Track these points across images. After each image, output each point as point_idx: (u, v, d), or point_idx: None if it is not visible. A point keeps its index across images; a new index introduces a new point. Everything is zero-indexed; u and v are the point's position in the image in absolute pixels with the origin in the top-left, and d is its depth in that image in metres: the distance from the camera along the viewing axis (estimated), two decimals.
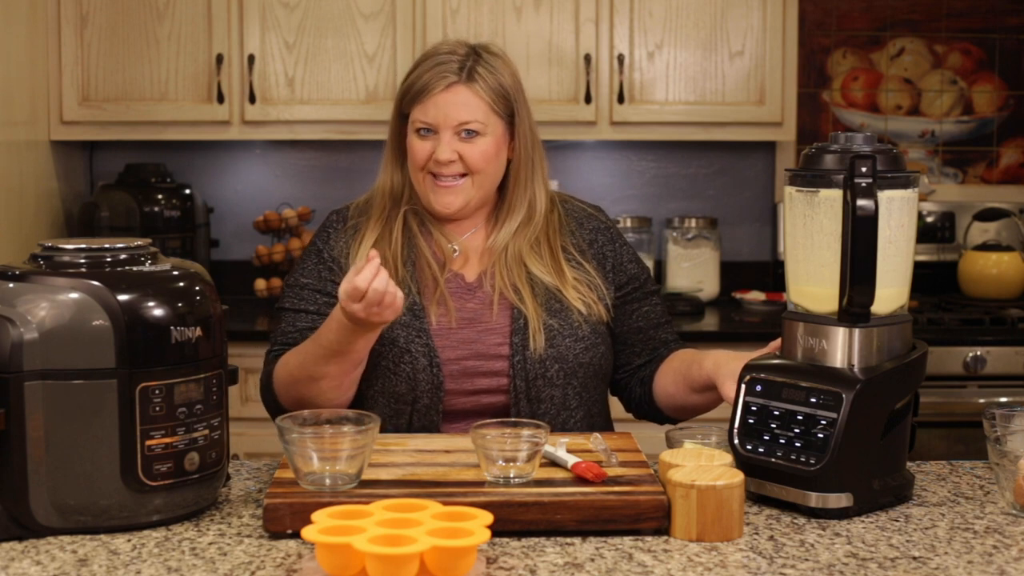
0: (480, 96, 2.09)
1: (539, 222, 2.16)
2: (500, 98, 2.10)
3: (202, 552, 1.56)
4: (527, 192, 2.15)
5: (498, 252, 2.13)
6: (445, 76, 2.08)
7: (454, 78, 2.08)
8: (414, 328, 2.07)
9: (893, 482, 1.76)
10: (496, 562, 1.53)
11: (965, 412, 3.50)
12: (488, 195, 2.15)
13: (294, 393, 2.04)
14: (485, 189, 2.13)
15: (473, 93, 2.08)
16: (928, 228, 4.14)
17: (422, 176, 2.11)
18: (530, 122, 2.16)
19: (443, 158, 2.07)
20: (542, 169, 2.18)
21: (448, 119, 2.08)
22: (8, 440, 1.57)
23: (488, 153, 2.09)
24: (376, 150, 4.08)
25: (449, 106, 2.07)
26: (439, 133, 2.08)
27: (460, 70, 2.08)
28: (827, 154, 1.75)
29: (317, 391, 2.00)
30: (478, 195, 2.12)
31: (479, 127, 2.08)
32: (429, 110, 2.08)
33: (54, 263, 1.65)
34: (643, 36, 3.81)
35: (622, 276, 2.19)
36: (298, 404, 2.02)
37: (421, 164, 2.10)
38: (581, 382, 2.10)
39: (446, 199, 2.10)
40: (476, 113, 2.08)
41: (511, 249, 2.13)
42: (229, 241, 4.16)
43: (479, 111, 2.08)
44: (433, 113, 2.08)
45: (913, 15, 4.21)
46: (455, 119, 2.07)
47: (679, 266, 4.10)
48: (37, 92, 3.67)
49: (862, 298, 1.71)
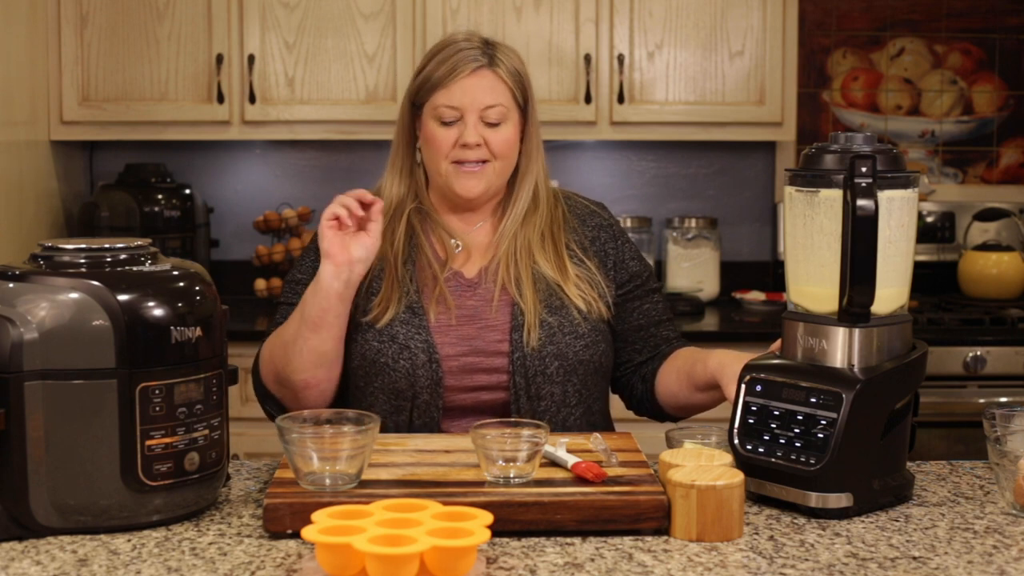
0: (504, 81, 2.12)
1: (544, 211, 2.17)
2: (518, 84, 2.14)
3: (202, 552, 1.56)
4: (532, 178, 2.18)
5: (506, 241, 2.15)
6: (472, 60, 2.11)
7: (482, 60, 2.11)
8: (413, 325, 2.08)
9: (893, 482, 1.76)
10: (496, 562, 1.53)
11: (965, 412, 3.50)
12: (504, 183, 2.18)
13: (271, 367, 2.08)
14: (504, 177, 2.16)
15: (497, 78, 2.12)
16: (928, 228, 4.14)
17: (446, 164, 2.12)
18: (536, 119, 2.19)
19: (471, 140, 2.09)
20: (543, 157, 2.21)
21: (475, 102, 2.10)
22: (8, 440, 1.57)
23: (511, 140, 2.13)
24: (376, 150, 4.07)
25: (476, 89, 2.10)
26: (464, 118, 2.10)
27: (483, 55, 2.12)
28: (827, 154, 1.76)
29: (288, 362, 2.04)
30: (498, 182, 2.15)
31: (502, 112, 2.11)
32: (455, 94, 2.10)
33: (54, 263, 1.65)
34: (643, 36, 3.81)
35: (624, 274, 2.20)
36: (275, 381, 2.08)
37: (445, 152, 2.12)
38: (581, 379, 2.10)
39: (469, 183, 2.12)
40: (501, 97, 2.11)
41: (520, 239, 2.14)
42: (229, 241, 4.16)
43: (503, 96, 2.12)
44: (459, 96, 2.10)
45: (913, 15, 4.21)
46: (482, 102, 2.10)
47: (679, 266, 4.10)
48: (37, 92, 3.67)
49: (862, 298, 1.71)
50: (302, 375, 2.05)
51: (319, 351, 2.03)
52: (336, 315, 2.02)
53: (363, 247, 2.00)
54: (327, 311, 2.01)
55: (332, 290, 2.00)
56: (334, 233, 1.99)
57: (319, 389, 2.07)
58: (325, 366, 2.05)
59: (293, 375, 2.05)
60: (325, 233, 1.99)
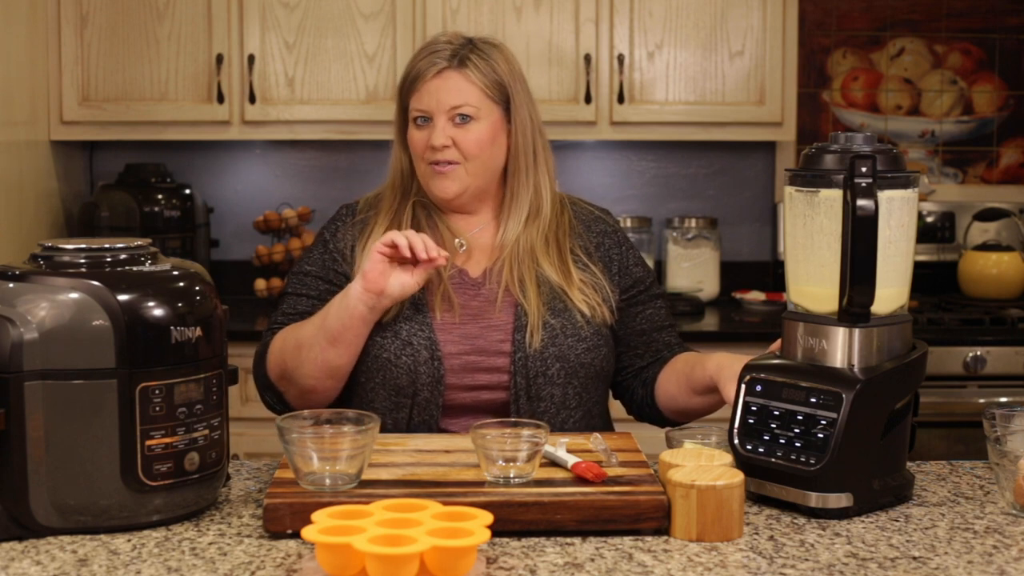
0: (471, 81, 2.12)
1: (547, 215, 2.17)
2: (494, 84, 2.13)
3: (202, 552, 1.56)
4: (530, 181, 2.17)
5: (509, 246, 2.14)
6: (435, 63, 2.12)
7: (444, 64, 2.12)
8: (417, 321, 2.08)
9: (893, 482, 1.76)
10: (496, 562, 1.53)
11: (965, 412, 3.50)
12: (488, 184, 2.16)
13: (279, 362, 2.08)
14: (482, 177, 2.14)
15: (464, 78, 2.12)
16: (928, 228, 4.14)
17: (423, 166, 2.13)
18: (531, 111, 2.17)
19: (437, 143, 2.10)
20: (546, 161, 2.20)
21: (440, 104, 2.10)
22: (8, 440, 1.57)
23: (482, 139, 2.11)
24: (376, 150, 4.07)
25: (440, 91, 2.11)
26: (434, 120, 2.11)
27: (452, 57, 2.12)
28: (827, 154, 1.75)
29: (299, 365, 2.04)
30: (475, 182, 2.14)
31: (472, 111, 2.11)
32: (423, 97, 2.12)
33: (54, 263, 1.65)
34: (643, 36, 3.81)
35: (627, 279, 2.20)
36: (281, 376, 2.08)
37: (420, 154, 2.13)
38: (582, 382, 2.10)
39: (443, 184, 2.12)
40: (468, 97, 2.11)
41: (523, 242, 2.14)
42: (229, 241, 4.16)
43: (471, 95, 2.11)
44: (426, 100, 2.12)
45: (913, 15, 4.21)
46: (447, 103, 2.10)
47: (679, 266, 4.10)
48: (37, 92, 3.67)
49: (862, 298, 1.71)
50: (310, 381, 2.05)
51: (332, 364, 2.04)
52: (356, 334, 2.02)
53: (400, 285, 1.99)
54: (347, 329, 2.01)
55: (356, 311, 2.00)
56: (381, 258, 1.97)
57: (324, 395, 2.08)
58: (335, 378, 2.06)
59: (301, 379, 2.05)
60: (374, 255, 1.97)
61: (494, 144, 2.14)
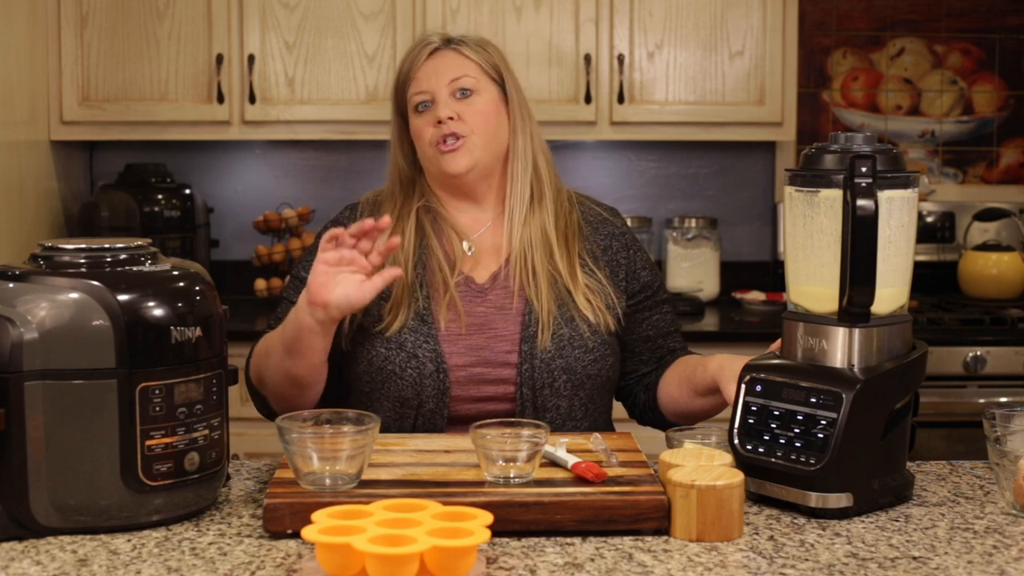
0: (467, 57, 2.15)
1: (550, 204, 2.16)
2: (489, 63, 2.16)
3: (202, 552, 1.56)
4: (528, 161, 2.16)
5: (516, 241, 2.12)
6: (428, 46, 2.15)
7: (437, 44, 2.16)
8: (422, 333, 2.06)
9: (893, 482, 1.76)
10: (496, 562, 1.52)
11: (965, 412, 3.50)
12: (494, 162, 2.15)
13: (255, 368, 2.08)
14: (490, 151, 2.13)
15: (459, 55, 2.15)
16: (928, 228, 4.15)
17: (431, 150, 2.12)
18: (520, 99, 2.18)
19: (442, 115, 2.09)
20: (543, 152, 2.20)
21: (440, 79, 2.12)
22: (8, 440, 1.57)
23: (487, 111, 2.12)
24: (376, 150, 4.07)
25: (438, 68, 2.13)
26: (435, 99, 2.11)
27: (442, 40, 2.16)
28: (827, 154, 1.75)
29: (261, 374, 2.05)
30: (484, 156, 2.12)
31: (471, 83, 2.12)
32: (421, 80, 2.13)
33: (54, 263, 1.65)
34: (643, 36, 3.81)
35: (635, 284, 2.19)
36: (258, 381, 2.08)
37: (427, 137, 2.12)
38: (588, 394, 2.09)
39: (452, 160, 2.11)
40: (466, 69, 2.13)
41: (530, 232, 2.13)
42: (229, 241, 4.16)
43: (469, 68, 2.13)
44: (424, 81, 2.12)
45: (913, 15, 4.21)
46: (446, 77, 2.12)
47: (679, 266, 4.10)
48: (37, 92, 3.67)
49: (862, 298, 1.71)
50: (278, 389, 2.04)
51: (291, 374, 2.00)
52: (310, 346, 1.94)
53: (345, 296, 1.88)
54: (299, 340, 1.95)
55: (305, 323, 1.92)
56: (324, 268, 1.88)
57: (296, 404, 2.02)
58: (299, 387, 2.01)
59: (270, 387, 2.05)
60: (317, 265, 1.89)
61: (497, 118, 2.14)
